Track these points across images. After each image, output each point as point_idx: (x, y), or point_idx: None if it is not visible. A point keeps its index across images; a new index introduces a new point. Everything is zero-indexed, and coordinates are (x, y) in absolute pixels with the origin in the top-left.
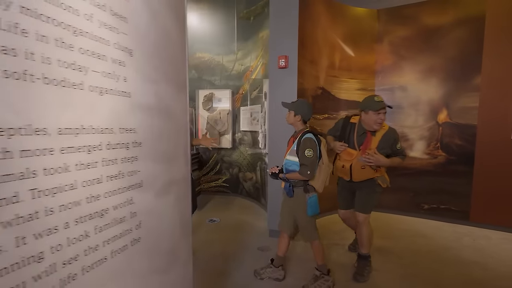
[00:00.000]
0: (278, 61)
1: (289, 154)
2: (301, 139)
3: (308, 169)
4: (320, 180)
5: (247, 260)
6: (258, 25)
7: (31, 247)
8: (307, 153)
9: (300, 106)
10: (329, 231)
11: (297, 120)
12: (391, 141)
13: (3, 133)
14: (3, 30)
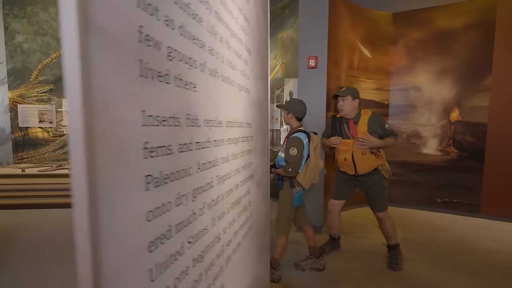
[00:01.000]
0: (307, 61)
1: (281, 151)
2: (289, 137)
3: (289, 166)
4: (307, 178)
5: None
6: (277, 25)
7: (215, 229)
8: (291, 151)
9: (291, 104)
10: (354, 224)
11: (290, 118)
12: (378, 122)
13: (208, 124)
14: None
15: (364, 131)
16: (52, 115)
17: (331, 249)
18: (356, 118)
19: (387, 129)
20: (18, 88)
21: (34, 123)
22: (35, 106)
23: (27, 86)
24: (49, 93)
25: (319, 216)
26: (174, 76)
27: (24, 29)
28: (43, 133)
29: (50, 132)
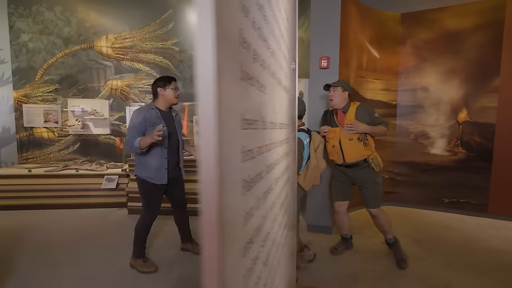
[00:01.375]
0: (319, 62)
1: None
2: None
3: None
4: (307, 180)
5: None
6: None
7: (273, 232)
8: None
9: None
10: (365, 224)
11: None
12: (367, 111)
13: (271, 126)
14: (271, 33)
15: (352, 118)
16: (57, 115)
17: (344, 249)
18: (344, 108)
19: (376, 117)
20: (23, 88)
21: (39, 123)
22: (40, 106)
23: (32, 85)
24: (54, 93)
25: (327, 217)
26: (256, 79)
27: (29, 28)
28: (48, 133)
29: (55, 132)
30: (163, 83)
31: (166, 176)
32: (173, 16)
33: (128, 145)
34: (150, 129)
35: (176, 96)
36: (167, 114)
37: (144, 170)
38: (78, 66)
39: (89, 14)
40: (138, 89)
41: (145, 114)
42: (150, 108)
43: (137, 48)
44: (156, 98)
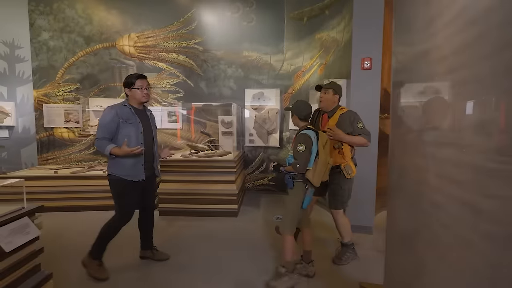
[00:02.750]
0: (361, 63)
1: (291, 149)
2: (297, 134)
3: (298, 163)
4: (316, 175)
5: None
6: (314, 26)
7: None
8: (299, 147)
9: (295, 106)
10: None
11: (296, 119)
12: (349, 119)
13: None
14: None
15: (333, 125)
16: (78, 115)
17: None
18: (331, 113)
19: (359, 127)
20: (43, 87)
21: (60, 123)
22: (61, 106)
23: (52, 85)
24: (75, 92)
25: (370, 217)
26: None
27: (50, 26)
28: (69, 134)
29: (76, 132)
30: (128, 83)
31: (143, 172)
32: (197, 15)
33: (98, 144)
34: (123, 125)
35: (144, 95)
36: (141, 112)
37: (119, 167)
38: (100, 65)
39: (111, 12)
40: (160, 89)
41: (117, 110)
42: (123, 105)
43: (160, 47)
44: (127, 97)
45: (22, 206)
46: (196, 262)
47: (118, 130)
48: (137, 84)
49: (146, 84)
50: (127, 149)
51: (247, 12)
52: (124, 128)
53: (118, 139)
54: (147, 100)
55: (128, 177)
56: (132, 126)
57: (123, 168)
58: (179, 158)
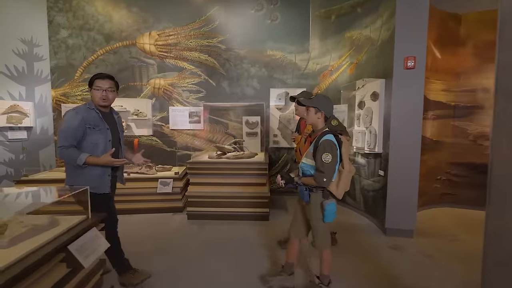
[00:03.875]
0: (404, 62)
1: (305, 157)
2: (320, 140)
3: (324, 176)
4: (340, 187)
5: (385, 257)
6: (343, 24)
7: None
8: (325, 157)
9: (322, 101)
10: (439, 227)
11: (318, 118)
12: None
13: None
14: None
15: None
16: None
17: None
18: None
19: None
20: (61, 87)
21: None
22: None
23: (71, 84)
24: None
25: (411, 220)
26: None
27: (69, 24)
28: None
29: None
30: (89, 82)
31: (109, 183)
32: (220, 12)
33: (66, 153)
34: (90, 132)
35: (103, 97)
36: (108, 115)
37: (82, 179)
38: (120, 64)
39: (132, 9)
40: (181, 88)
41: (83, 115)
42: (90, 108)
43: (182, 45)
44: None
45: (85, 216)
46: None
47: (84, 137)
48: (95, 85)
49: (108, 86)
50: (111, 159)
51: (271, 10)
52: (91, 135)
53: (83, 148)
54: (105, 105)
55: (92, 190)
56: (100, 133)
57: (87, 180)
58: (208, 160)
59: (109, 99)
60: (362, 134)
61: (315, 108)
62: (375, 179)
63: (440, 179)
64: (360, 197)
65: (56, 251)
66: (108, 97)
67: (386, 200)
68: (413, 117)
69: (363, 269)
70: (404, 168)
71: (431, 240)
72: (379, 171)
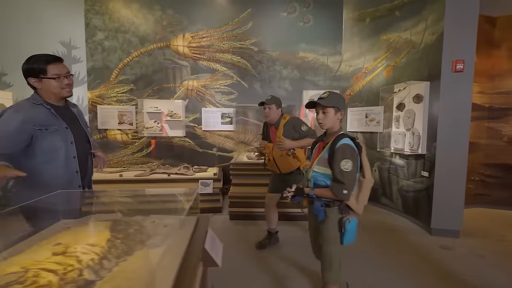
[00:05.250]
0: (453, 65)
1: (317, 164)
2: (337, 145)
3: (344, 187)
4: (361, 200)
5: (438, 257)
6: (379, 27)
7: None
8: (344, 165)
9: (340, 100)
10: (482, 227)
11: (338, 119)
12: (293, 126)
13: None
14: None
15: (280, 136)
16: (132, 117)
17: (268, 244)
18: (276, 124)
19: (304, 130)
20: (97, 88)
21: (114, 125)
22: (115, 107)
23: (106, 86)
24: (129, 93)
25: (458, 221)
26: None
27: (105, 26)
28: (122, 136)
29: (129, 134)
30: (35, 71)
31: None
32: (252, 15)
33: None
34: (42, 135)
35: (65, 86)
36: (65, 110)
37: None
38: (154, 65)
39: (166, 11)
40: (214, 89)
41: (27, 114)
42: (35, 104)
43: (214, 47)
44: (36, 91)
45: (197, 216)
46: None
47: (34, 143)
48: (51, 72)
49: (66, 70)
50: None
51: (304, 13)
52: (44, 139)
53: (37, 157)
54: (69, 95)
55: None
56: (57, 135)
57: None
58: (248, 161)
59: (72, 86)
60: (402, 136)
61: (335, 108)
62: (416, 180)
63: (474, 179)
64: (398, 197)
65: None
66: (71, 84)
67: (432, 201)
68: (461, 119)
69: (422, 268)
70: (451, 169)
71: (479, 240)
72: (422, 172)
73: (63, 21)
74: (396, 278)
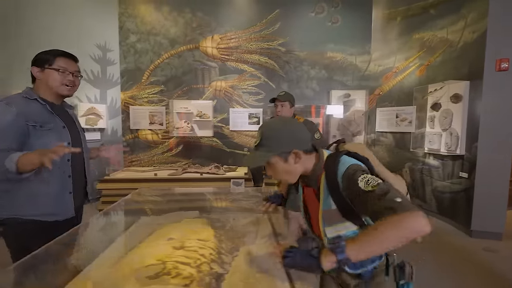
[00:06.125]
0: (496, 64)
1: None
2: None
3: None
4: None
5: (483, 259)
6: (411, 26)
7: None
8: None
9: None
10: None
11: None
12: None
13: None
14: None
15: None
16: (162, 117)
17: None
18: None
19: (317, 138)
20: (130, 89)
21: (145, 125)
22: (146, 108)
23: (138, 87)
24: (160, 94)
25: (501, 223)
26: None
27: (138, 29)
28: (153, 136)
29: (159, 134)
30: (42, 60)
31: (72, 204)
32: (280, 16)
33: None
34: (35, 132)
35: (68, 83)
36: (60, 109)
37: (29, 204)
38: (184, 67)
39: (196, 14)
40: (242, 90)
41: (19, 106)
42: (29, 98)
43: (242, 48)
44: (34, 83)
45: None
46: None
47: (25, 141)
48: (56, 63)
49: (75, 69)
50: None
51: (332, 13)
52: (38, 138)
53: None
54: (70, 94)
55: (50, 218)
56: (52, 134)
57: (38, 204)
58: None
59: (76, 87)
60: (438, 136)
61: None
62: (453, 181)
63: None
64: (431, 198)
65: None
66: (75, 84)
67: (473, 202)
68: (505, 119)
69: (463, 269)
70: (493, 170)
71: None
72: (460, 173)
73: (99, 25)
74: (438, 278)
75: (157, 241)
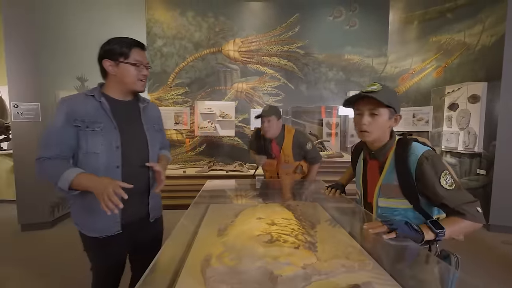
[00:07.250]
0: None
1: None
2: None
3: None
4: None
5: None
6: (428, 29)
7: None
8: (446, 181)
9: (396, 98)
10: None
11: (389, 127)
12: (300, 143)
13: None
14: None
15: (289, 154)
16: (186, 117)
17: None
18: (278, 138)
19: (308, 149)
20: (156, 91)
21: (170, 125)
22: (171, 109)
23: (164, 89)
24: (184, 96)
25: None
26: None
27: (164, 34)
28: (177, 135)
29: (183, 133)
30: (115, 53)
31: (118, 219)
32: (300, 19)
33: (41, 168)
34: (82, 133)
35: (142, 78)
36: (126, 106)
37: (83, 217)
38: (207, 69)
39: (219, 18)
40: (262, 91)
41: (70, 105)
42: (87, 95)
43: (263, 51)
44: (106, 79)
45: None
46: None
47: (79, 142)
48: (132, 57)
49: (146, 61)
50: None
51: (349, 16)
52: (82, 139)
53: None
54: (143, 89)
55: (97, 234)
56: (99, 136)
57: (87, 218)
58: None
59: (145, 83)
60: (455, 135)
61: (391, 109)
62: (471, 178)
63: None
64: None
65: None
66: (146, 77)
67: (491, 198)
68: None
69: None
70: (511, 167)
71: None
72: (478, 170)
73: (128, 31)
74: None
75: (249, 220)
